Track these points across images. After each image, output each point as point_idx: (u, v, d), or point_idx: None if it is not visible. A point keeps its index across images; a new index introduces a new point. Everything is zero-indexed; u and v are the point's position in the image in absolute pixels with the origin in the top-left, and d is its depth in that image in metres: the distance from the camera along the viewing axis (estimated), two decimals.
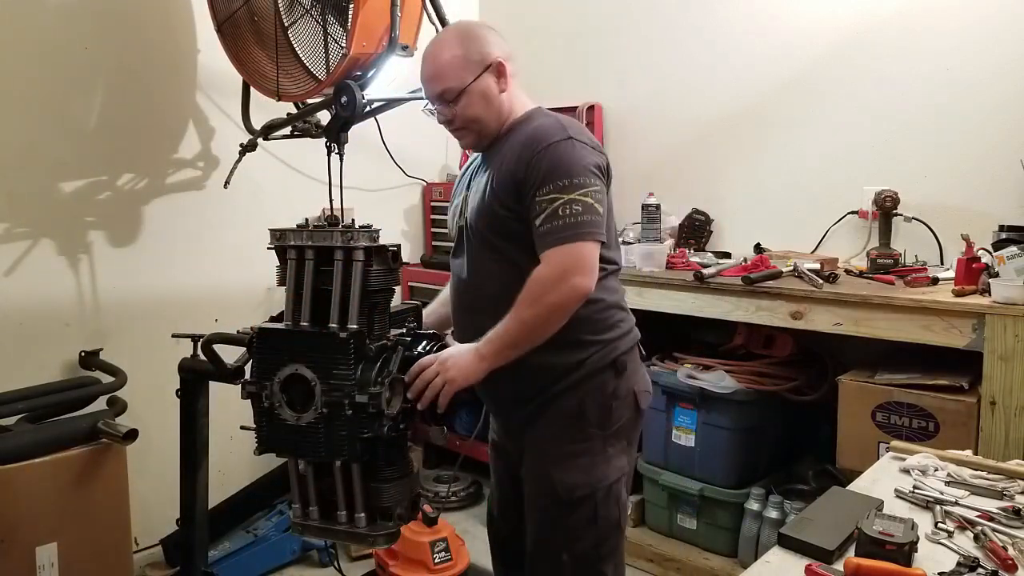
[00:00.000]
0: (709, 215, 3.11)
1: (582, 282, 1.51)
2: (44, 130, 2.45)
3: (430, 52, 1.68)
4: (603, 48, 3.42)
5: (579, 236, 1.51)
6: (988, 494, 1.46)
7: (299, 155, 3.00)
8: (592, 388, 1.65)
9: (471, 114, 1.66)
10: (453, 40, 1.66)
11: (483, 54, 1.64)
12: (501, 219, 1.62)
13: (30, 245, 2.45)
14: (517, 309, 1.53)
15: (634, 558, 2.79)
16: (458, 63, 1.63)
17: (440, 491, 3.25)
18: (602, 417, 1.66)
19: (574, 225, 1.51)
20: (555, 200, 1.52)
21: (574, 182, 1.53)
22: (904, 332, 2.17)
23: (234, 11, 2.41)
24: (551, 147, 1.56)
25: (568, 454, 1.65)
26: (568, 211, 1.51)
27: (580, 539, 1.66)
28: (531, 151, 1.57)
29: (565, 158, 1.55)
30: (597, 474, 1.65)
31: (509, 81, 1.67)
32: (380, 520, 1.57)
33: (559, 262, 1.51)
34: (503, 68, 1.66)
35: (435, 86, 1.66)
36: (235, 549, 2.66)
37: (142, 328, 2.67)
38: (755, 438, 2.65)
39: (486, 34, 1.68)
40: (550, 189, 1.53)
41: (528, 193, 1.56)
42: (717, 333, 2.81)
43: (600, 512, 1.65)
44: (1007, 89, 2.49)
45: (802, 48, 2.89)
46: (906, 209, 2.63)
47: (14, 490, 2.05)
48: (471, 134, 1.70)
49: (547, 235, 1.52)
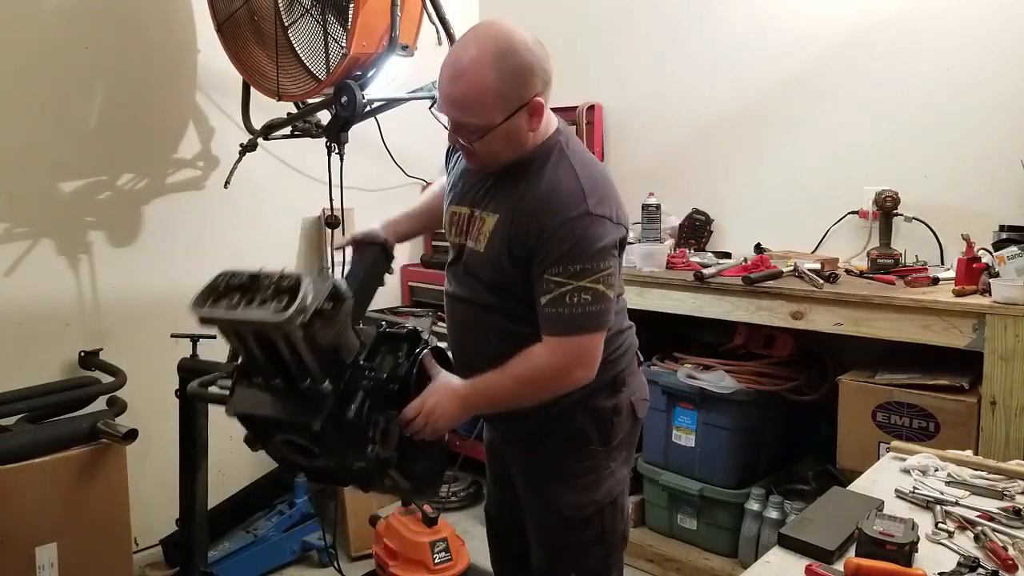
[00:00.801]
0: (709, 215, 3.11)
1: (584, 375, 1.47)
2: (44, 130, 2.45)
3: (460, 69, 1.43)
4: (603, 48, 3.42)
5: (586, 328, 1.44)
6: (988, 494, 1.45)
7: (299, 155, 3.00)
8: (592, 407, 1.61)
9: (490, 151, 1.49)
10: (490, 64, 1.41)
11: (521, 91, 1.43)
12: (510, 276, 1.52)
13: (30, 245, 2.45)
14: (511, 380, 1.48)
15: (634, 558, 2.78)
16: (490, 98, 1.42)
17: (440, 491, 3.24)
18: (603, 434, 1.63)
19: (581, 316, 1.43)
20: (564, 285, 1.43)
21: (586, 268, 1.43)
22: (904, 332, 2.17)
23: (234, 11, 2.41)
24: (568, 223, 1.43)
25: (573, 474, 1.62)
26: (576, 299, 1.42)
27: (590, 555, 1.65)
28: (545, 222, 1.44)
29: (580, 239, 1.43)
30: (603, 491, 1.64)
31: (542, 118, 1.50)
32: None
33: (563, 353, 1.45)
34: (539, 107, 1.47)
35: (456, 113, 1.47)
36: (235, 549, 2.66)
37: (142, 328, 2.67)
38: (755, 438, 2.65)
39: (530, 61, 1.44)
40: (560, 272, 1.43)
41: (537, 265, 1.46)
42: (717, 333, 2.81)
43: (607, 527, 1.65)
44: (1007, 89, 2.49)
45: (802, 48, 2.89)
46: (906, 209, 2.63)
47: (14, 490, 2.05)
48: (479, 163, 1.55)
49: (553, 320, 1.45)
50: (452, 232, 1.67)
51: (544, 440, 1.64)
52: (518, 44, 1.44)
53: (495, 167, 1.55)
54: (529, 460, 1.68)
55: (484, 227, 1.55)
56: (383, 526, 2.60)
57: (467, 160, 1.59)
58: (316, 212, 3.15)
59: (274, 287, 1.32)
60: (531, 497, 1.70)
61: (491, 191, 1.57)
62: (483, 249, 1.55)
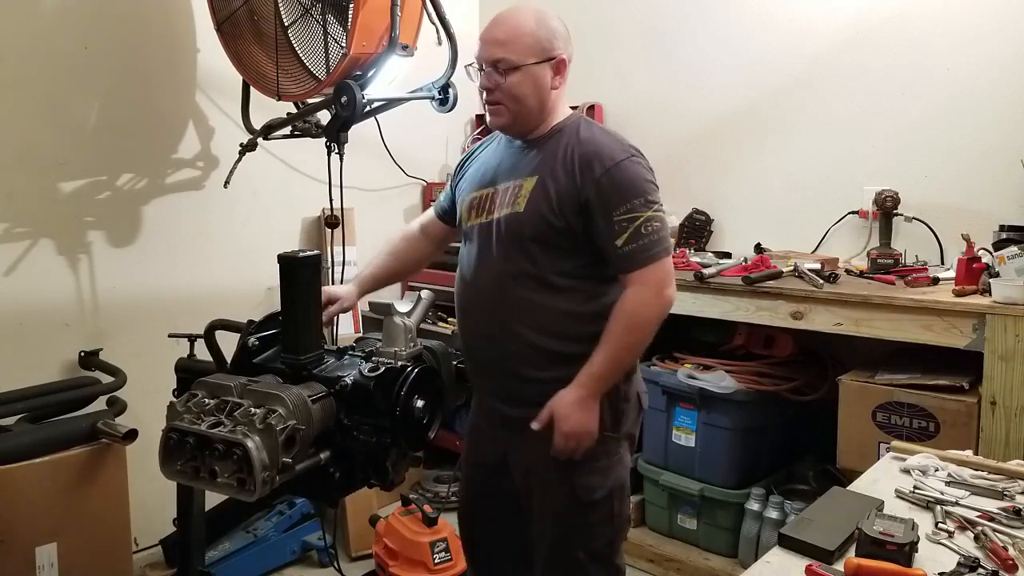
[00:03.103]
0: (709, 215, 3.11)
1: (673, 293, 1.61)
2: (44, 130, 2.45)
3: (504, 16, 1.64)
4: (603, 48, 3.42)
5: (665, 251, 1.60)
6: (988, 494, 1.45)
7: (299, 155, 3.00)
8: (606, 394, 1.66)
9: (518, 92, 1.62)
10: (530, 17, 1.63)
11: (553, 44, 1.64)
12: (555, 230, 1.62)
13: (30, 245, 2.44)
14: (621, 335, 1.58)
15: (634, 558, 2.79)
16: (528, 39, 1.61)
17: (440, 491, 3.24)
18: (615, 420, 1.70)
19: (657, 241, 1.58)
20: (635, 220, 1.57)
21: (647, 200, 1.59)
22: (904, 332, 2.17)
23: (234, 11, 2.41)
24: (619, 166, 1.59)
25: (589, 458, 1.66)
26: (649, 229, 1.57)
27: (597, 537, 1.71)
28: (598, 170, 1.59)
29: (634, 178, 1.60)
30: (614, 475, 1.71)
31: (563, 81, 1.68)
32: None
33: (653, 281, 1.58)
34: (563, 66, 1.67)
35: (495, 50, 1.62)
36: (235, 549, 2.66)
37: (142, 328, 2.67)
38: (755, 438, 2.65)
39: (560, 27, 1.67)
40: (627, 210, 1.57)
41: (601, 214, 1.58)
42: (717, 333, 2.81)
43: (615, 510, 1.72)
44: (1007, 89, 2.49)
45: (802, 48, 2.89)
46: (906, 209, 2.63)
47: (14, 490, 2.05)
48: (508, 113, 1.66)
49: (635, 254, 1.57)
50: (472, 216, 1.75)
51: None
52: (552, 15, 1.69)
53: (518, 124, 1.67)
54: (542, 445, 1.68)
55: (522, 191, 1.65)
56: (383, 526, 2.60)
57: (494, 115, 1.68)
58: (316, 212, 3.15)
59: (223, 453, 1.36)
60: (544, 485, 1.73)
61: (518, 164, 1.69)
62: (523, 208, 1.63)
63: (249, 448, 1.33)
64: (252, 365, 1.60)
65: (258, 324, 1.65)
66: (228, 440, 1.35)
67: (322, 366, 1.58)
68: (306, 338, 1.58)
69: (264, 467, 1.34)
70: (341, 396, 1.52)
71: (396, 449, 1.55)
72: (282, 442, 1.37)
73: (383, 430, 1.51)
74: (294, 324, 1.58)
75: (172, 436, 1.40)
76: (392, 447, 1.54)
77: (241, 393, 1.46)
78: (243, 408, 1.40)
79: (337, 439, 1.52)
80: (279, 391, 1.44)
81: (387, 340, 1.63)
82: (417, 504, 2.58)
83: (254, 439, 1.34)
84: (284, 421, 1.38)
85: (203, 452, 1.37)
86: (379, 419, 1.51)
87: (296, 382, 1.53)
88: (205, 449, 1.37)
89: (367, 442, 1.51)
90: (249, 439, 1.34)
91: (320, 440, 1.50)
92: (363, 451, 1.53)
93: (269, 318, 1.67)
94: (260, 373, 1.57)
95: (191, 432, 1.39)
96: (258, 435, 1.35)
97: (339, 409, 1.52)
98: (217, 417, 1.41)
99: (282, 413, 1.39)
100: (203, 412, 1.43)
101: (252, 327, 1.64)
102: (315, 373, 1.56)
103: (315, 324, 1.62)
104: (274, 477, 1.37)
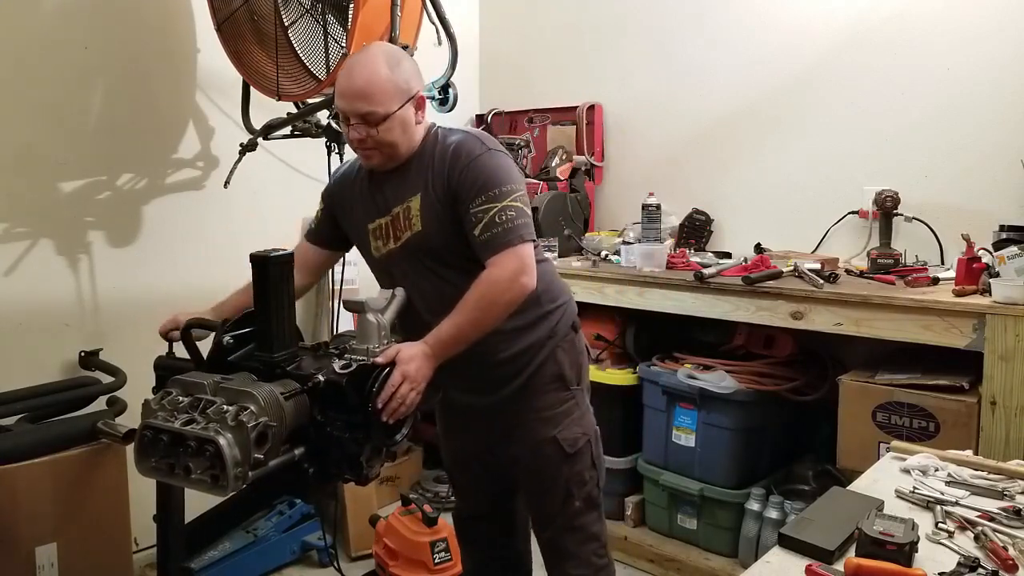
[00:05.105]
0: (709, 215, 3.11)
1: (528, 281, 1.65)
2: (44, 130, 2.45)
3: (358, 67, 1.68)
4: (603, 48, 3.42)
5: (520, 238, 1.64)
6: (988, 494, 1.45)
7: (299, 155, 3.00)
8: (565, 349, 1.84)
9: (389, 139, 1.69)
10: (382, 62, 1.67)
11: (410, 84, 1.70)
12: (455, 231, 1.70)
13: (30, 245, 2.45)
14: (469, 310, 1.62)
15: (634, 558, 2.79)
16: (389, 87, 1.66)
17: (440, 491, 3.24)
18: (576, 373, 1.87)
19: (513, 229, 1.64)
20: (490, 209, 1.64)
21: (502, 190, 1.65)
22: (904, 332, 2.17)
23: (234, 10, 2.41)
24: (475, 161, 1.67)
25: (563, 414, 1.83)
26: (504, 217, 1.64)
27: (586, 482, 1.85)
28: (457, 166, 1.68)
29: (490, 170, 1.67)
30: (586, 424, 1.87)
31: (424, 113, 1.76)
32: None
33: (507, 266, 1.63)
34: (422, 101, 1.75)
35: (360, 104, 1.66)
36: (235, 549, 2.65)
37: (142, 328, 2.65)
38: (755, 438, 2.65)
39: (409, 64, 1.73)
40: (483, 201, 1.65)
41: (462, 207, 1.67)
42: (717, 333, 2.81)
43: (595, 453, 1.87)
44: (1008, 89, 2.48)
45: (802, 48, 2.89)
46: (906, 209, 2.63)
47: (14, 490, 2.05)
48: (380, 156, 1.72)
49: (490, 242, 1.64)
50: (378, 246, 1.81)
51: (532, 391, 1.82)
52: (400, 52, 1.76)
53: (392, 161, 1.73)
54: (521, 415, 1.83)
55: (411, 212, 1.73)
56: (383, 526, 2.60)
57: (367, 159, 1.75)
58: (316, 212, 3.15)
59: (196, 450, 1.37)
60: (529, 447, 1.84)
61: (397, 188, 1.75)
62: (421, 226, 1.71)
63: (221, 445, 1.34)
64: (227, 363, 1.61)
65: (234, 323, 1.66)
66: (200, 437, 1.37)
67: (295, 363, 1.60)
68: (279, 336, 1.59)
69: (236, 463, 1.36)
70: (314, 393, 1.53)
71: (370, 445, 1.57)
72: (254, 438, 1.39)
73: (356, 426, 1.53)
74: (267, 322, 1.59)
75: (146, 433, 1.42)
76: (366, 443, 1.55)
77: (214, 391, 1.48)
78: (216, 405, 1.42)
79: (311, 435, 1.53)
80: (251, 388, 1.46)
81: (361, 337, 1.65)
82: (417, 504, 2.58)
83: (226, 436, 1.36)
84: (256, 418, 1.40)
85: (177, 449, 1.40)
86: (352, 416, 1.52)
87: (270, 379, 1.54)
88: (179, 446, 1.39)
89: (341, 438, 1.53)
90: (221, 436, 1.36)
91: (294, 436, 1.51)
92: (337, 447, 1.54)
93: (245, 317, 1.67)
94: (235, 371, 1.58)
95: (165, 429, 1.41)
96: (230, 432, 1.37)
97: (313, 406, 1.53)
98: (190, 414, 1.43)
99: (254, 410, 1.41)
100: (177, 409, 1.45)
101: (227, 325, 1.65)
102: (289, 370, 1.57)
103: (288, 322, 1.63)
104: (247, 473, 1.38)
